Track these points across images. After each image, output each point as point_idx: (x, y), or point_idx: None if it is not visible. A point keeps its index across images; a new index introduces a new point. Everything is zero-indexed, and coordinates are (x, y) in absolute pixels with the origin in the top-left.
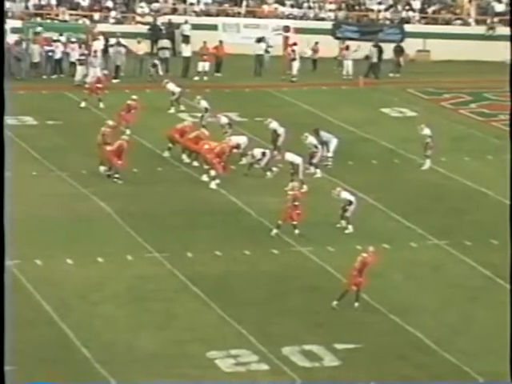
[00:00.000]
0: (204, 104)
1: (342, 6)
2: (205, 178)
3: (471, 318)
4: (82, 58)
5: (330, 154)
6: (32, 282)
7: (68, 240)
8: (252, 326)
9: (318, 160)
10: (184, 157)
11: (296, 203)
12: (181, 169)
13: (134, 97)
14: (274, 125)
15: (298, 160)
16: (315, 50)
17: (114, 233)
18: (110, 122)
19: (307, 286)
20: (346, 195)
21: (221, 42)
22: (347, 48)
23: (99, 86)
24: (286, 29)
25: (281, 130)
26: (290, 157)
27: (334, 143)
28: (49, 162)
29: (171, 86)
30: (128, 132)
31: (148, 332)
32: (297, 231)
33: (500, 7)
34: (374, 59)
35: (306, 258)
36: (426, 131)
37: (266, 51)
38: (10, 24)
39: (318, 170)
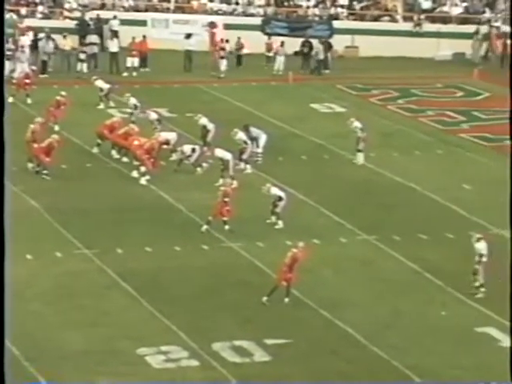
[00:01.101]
0: (133, 101)
1: (270, 1)
2: (135, 174)
3: (401, 313)
4: (9, 52)
5: (259, 150)
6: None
7: None
8: (182, 322)
9: (248, 156)
10: (113, 153)
11: (226, 199)
12: (110, 165)
13: (63, 93)
14: (204, 120)
15: (227, 156)
16: (240, 46)
17: (43, 229)
18: (39, 119)
19: (238, 281)
20: (275, 191)
21: (144, 36)
22: (282, 44)
23: (27, 81)
24: (212, 25)
25: (210, 126)
26: (219, 153)
27: (263, 139)
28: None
29: (100, 83)
30: (57, 128)
31: (77, 329)
32: (227, 227)
33: (426, 4)
34: (321, 56)
35: (236, 253)
36: (356, 124)
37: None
38: None
39: (249, 166)
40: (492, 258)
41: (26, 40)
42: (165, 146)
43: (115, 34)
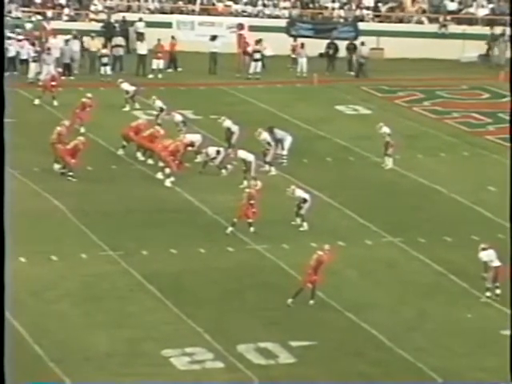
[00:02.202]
0: (159, 104)
1: (296, 3)
2: (160, 175)
3: (425, 315)
4: (35, 55)
5: (284, 152)
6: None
7: (21, 238)
8: (207, 324)
9: (272, 158)
10: (138, 155)
11: (251, 201)
12: (135, 167)
13: (89, 95)
14: (228, 123)
15: (250, 157)
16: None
17: (68, 231)
18: (66, 122)
19: (262, 283)
20: (300, 193)
21: (173, 37)
22: (302, 46)
23: (53, 83)
24: (240, 27)
25: (234, 128)
26: (242, 154)
27: (288, 141)
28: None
29: (125, 86)
30: (82, 130)
31: (102, 330)
32: (252, 229)
33: (452, 5)
34: (363, 58)
35: (261, 255)
36: (385, 129)
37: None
38: None
39: (273, 168)
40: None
41: (54, 42)
42: (189, 148)
43: (141, 36)
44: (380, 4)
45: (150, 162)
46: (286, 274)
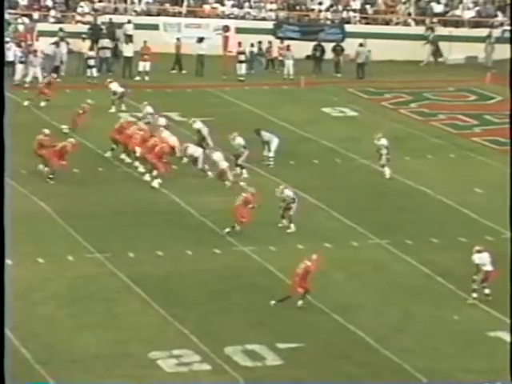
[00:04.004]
0: (149, 110)
1: (283, 5)
2: (147, 177)
3: (412, 316)
4: (22, 55)
5: (271, 154)
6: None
7: (7, 240)
8: (194, 326)
9: (244, 160)
10: (123, 156)
11: (248, 205)
12: (122, 169)
13: (89, 101)
14: (198, 125)
15: (197, 153)
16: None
17: (55, 233)
18: (46, 131)
19: (249, 285)
20: (289, 193)
21: (178, 39)
22: (288, 48)
23: (46, 90)
24: (226, 29)
25: (204, 130)
26: (191, 150)
27: (275, 143)
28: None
29: (114, 86)
30: (66, 131)
31: (89, 332)
32: (238, 228)
33: (438, 8)
34: (361, 59)
35: (247, 257)
36: (383, 141)
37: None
38: None
39: (245, 171)
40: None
41: (40, 44)
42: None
43: (129, 38)
44: (367, 6)
45: (137, 164)
46: (273, 276)
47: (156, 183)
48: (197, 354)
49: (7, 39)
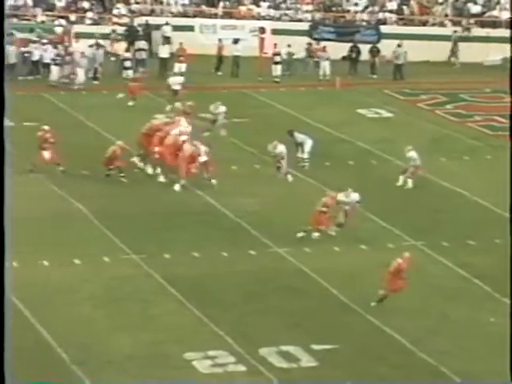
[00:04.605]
0: (222, 109)
1: (318, 7)
2: (162, 178)
3: (448, 318)
4: (58, 58)
5: (305, 155)
6: (9, 285)
7: (45, 241)
8: (229, 327)
9: (286, 170)
10: (134, 159)
11: (324, 209)
12: (158, 170)
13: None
14: (281, 148)
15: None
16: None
17: (91, 234)
18: (46, 127)
19: (284, 286)
20: (355, 196)
21: (220, 40)
22: (324, 49)
23: (136, 84)
24: (262, 30)
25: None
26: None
27: (308, 144)
28: (26, 163)
29: (173, 81)
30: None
31: (125, 333)
32: (316, 234)
33: (475, 8)
34: (400, 60)
35: (283, 258)
36: (413, 154)
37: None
38: None
39: (289, 176)
40: None
41: (80, 46)
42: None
43: (167, 39)
44: (404, 7)
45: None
46: (308, 278)
47: (178, 187)
48: (232, 355)
49: (44, 41)
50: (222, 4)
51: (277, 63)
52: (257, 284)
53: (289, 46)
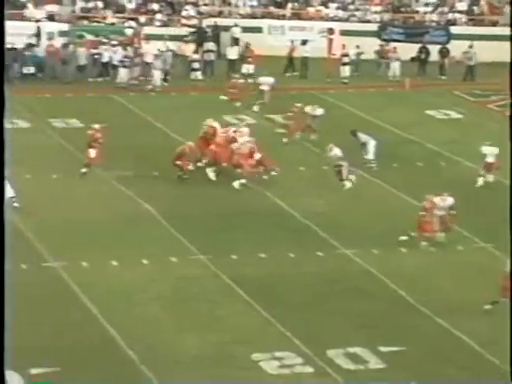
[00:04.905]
0: (320, 112)
1: (387, 7)
2: (236, 184)
3: None
4: (126, 60)
5: (370, 156)
6: (78, 284)
7: (113, 242)
8: (297, 328)
9: (347, 173)
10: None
11: (424, 213)
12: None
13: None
14: (336, 151)
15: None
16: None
17: (159, 234)
18: (96, 126)
19: (352, 288)
20: (450, 201)
21: (292, 41)
22: (395, 50)
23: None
24: (331, 31)
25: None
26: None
27: (371, 145)
28: (94, 164)
29: (263, 80)
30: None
31: (192, 333)
32: (424, 243)
33: None
34: (473, 61)
35: (350, 260)
36: (490, 150)
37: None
38: (57, 27)
39: (347, 183)
40: None
41: (150, 48)
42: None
43: (236, 41)
44: (474, 8)
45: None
46: (376, 280)
47: (238, 184)
48: (299, 356)
49: (114, 42)
50: (290, 5)
51: (345, 64)
52: (324, 285)
53: (357, 47)
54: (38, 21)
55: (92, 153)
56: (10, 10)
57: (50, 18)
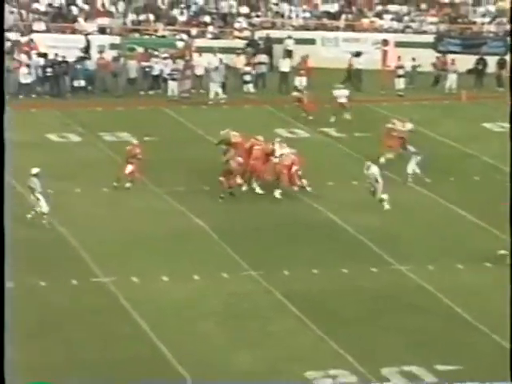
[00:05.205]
0: (410, 126)
1: (444, 18)
2: (277, 194)
3: None
4: (174, 73)
5: (409, 171)
6: (129, 299)
7: (164, 257)
8: (350, 346)
9: (381, 192)
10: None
11: None
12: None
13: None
14: (374, 169)
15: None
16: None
17: (210, 250)
18: (135, 142)
19: (407, 305)
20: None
21: (358, 53)
22: (453, 62)
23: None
24: (385, 43)
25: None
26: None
27: (416, 159)
28: (145, 178)
29: (341, 92)
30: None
31: (244, 350)
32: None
33: None
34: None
35: (405, 276)
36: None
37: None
38: (108, 40)
39: (385, 204)
40: None
41: (202, 60)
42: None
43: (289, 53)
44: None
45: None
46: (432, 296)
47: (278, 194)
48: (353, 374)
49: (165, 55)
50: (344, 16)
51: (400, 76)
52: (378, 301)
53: (413, 59)
54: (88, 34)
55: (129, 168)
56: (61, 23)
57: (101, 30)
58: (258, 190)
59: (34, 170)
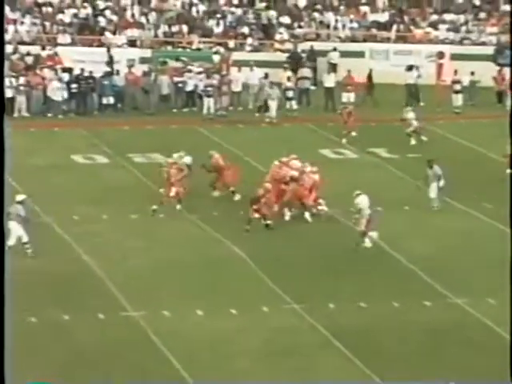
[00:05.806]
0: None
1: (504, 28)
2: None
3: None
4: (210, 89)
5: (432, 195)
6: (159, 335)
7: (198, 288)
8: None
9: (365, 226)
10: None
11: None
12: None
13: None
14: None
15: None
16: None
17: (248, 280)
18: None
19: (464, 340)
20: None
21: (411, 67)
22: None
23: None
24: (440, 55)
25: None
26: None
27: (435, 183)
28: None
29: (411, 115)
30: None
31: None
32: None
33: None
34: None
35: (461, 310)
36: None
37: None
38: (138, 54)
39: (369, 240)
40: None
41: (240, 75)
42: None
43: (334, 67)
44: None
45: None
46: (492, 332)
47: (308, 216)
48: None
49: (200, 69)
50: (395, 27)
51: (457, 92)
52: (432, 338)
53: (472, 73)
54: (118, 47)
55: (173, 191)
56: (88, 36)
57: (131, 43)
58: (287, 217)
59: (20, 197)
